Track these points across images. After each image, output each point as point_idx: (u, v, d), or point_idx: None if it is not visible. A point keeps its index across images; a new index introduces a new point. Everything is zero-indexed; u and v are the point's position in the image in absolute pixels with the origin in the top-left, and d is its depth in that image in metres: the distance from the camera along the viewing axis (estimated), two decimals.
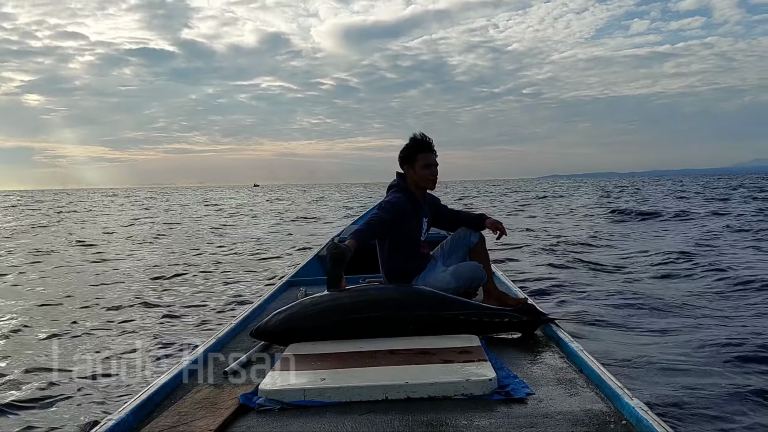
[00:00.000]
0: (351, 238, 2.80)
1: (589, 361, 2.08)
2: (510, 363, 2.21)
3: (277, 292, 4.01)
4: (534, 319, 2.68)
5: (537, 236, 12.97)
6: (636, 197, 30.12)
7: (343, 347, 2.35)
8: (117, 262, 10.22)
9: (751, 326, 5.22)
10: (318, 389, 1.87)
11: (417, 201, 3.23)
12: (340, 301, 2.61)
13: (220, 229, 17.22)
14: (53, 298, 6.73)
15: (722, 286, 7.01)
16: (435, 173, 3.21)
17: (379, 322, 2.54)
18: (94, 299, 6.61)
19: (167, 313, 5.89)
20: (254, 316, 3.19)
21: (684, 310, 6.01)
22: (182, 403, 1.86)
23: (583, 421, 1.64)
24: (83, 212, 30.40)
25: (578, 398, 1.83)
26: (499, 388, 1.89)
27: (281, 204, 36.67)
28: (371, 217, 3.05)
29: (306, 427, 1.66)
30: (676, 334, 4.99)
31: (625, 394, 1.72)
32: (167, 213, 28.70)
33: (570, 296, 6.97)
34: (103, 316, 5.79)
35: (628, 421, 1.61)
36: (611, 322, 5.46)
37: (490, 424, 1.63)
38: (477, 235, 3.36)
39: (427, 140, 3.21)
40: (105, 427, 1.62)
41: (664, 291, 7.08)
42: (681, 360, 4.10)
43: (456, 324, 2.56)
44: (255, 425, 1.71)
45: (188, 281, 8.02)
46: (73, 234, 16.44)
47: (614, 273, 8.50)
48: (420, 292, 2.82)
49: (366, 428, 1.63)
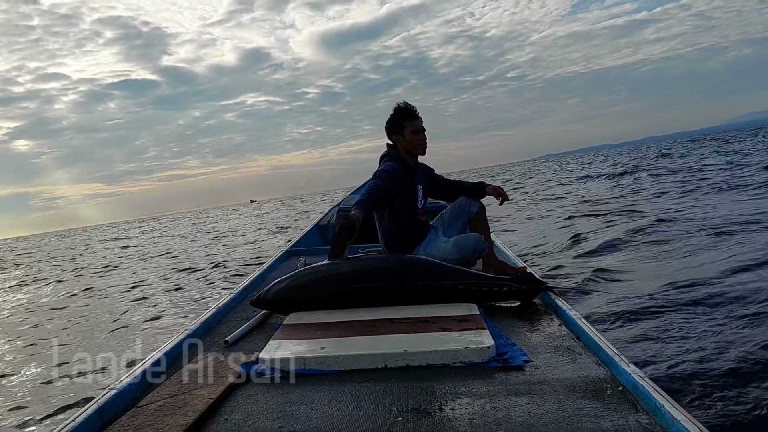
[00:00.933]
0: (355, 208, 2.79)
1: (586, 329, 2.09)
2: (508, 331, 2.23)
3: (277, 262, 4.03)
4: (532, 287, 2.69)
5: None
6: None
7: (343, 316, 2.36)
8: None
9: (749, 286, 5.25)
10: (318, 358, 1.89)
11: (410, 167, 3.23)
12: (340, 270, 2.61)
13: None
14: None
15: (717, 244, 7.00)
16: (424, 138, 3.22)
17: (379, 292, 2.55)
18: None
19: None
20: (254, 285, 3.21)
21: (682, 278, 6.04)
22: (183, 373, 1.88)
23: (580, 387, 1.66)
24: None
25: (575, 365, 1.85)
26: (497, 355, 1.91)
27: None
28: (369, 186, 3.04)
29: (306, 395, 1.68)
30: (674, 301, 5.03)
31: (621, 360, 1.73)
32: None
33: (569, 264, 7.00)
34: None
35: (625, 387, 1.63)
36: (609, 290, 5.49)
37: (488, 391, 1.65)
38: (477, 204, 3.35)
39: (412, 108, 3.21)
40: (107, 396, 1.64)
41: (663, 258, 7.11)
42: (679, 327, 4.13)
43: (455, 293, 2.57)
44: (255, 394, 1.73)
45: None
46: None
47: (612, 242, 8.52)
48: (419, 262, 2.82)
49: (365, 396, 1.65)
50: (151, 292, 7.15)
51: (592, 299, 5.07)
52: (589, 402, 1.56)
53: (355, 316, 2.35)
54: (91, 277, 11.09)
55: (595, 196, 14.75)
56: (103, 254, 18.62)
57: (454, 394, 1.64)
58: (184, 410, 1.58)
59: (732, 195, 10.93)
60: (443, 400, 1.60)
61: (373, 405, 1.59)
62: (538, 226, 9.78)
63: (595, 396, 1.60)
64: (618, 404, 1.54)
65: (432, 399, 1.61)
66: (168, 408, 1.60)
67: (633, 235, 8.70)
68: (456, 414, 1.51)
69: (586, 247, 8.15)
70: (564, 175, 27.20)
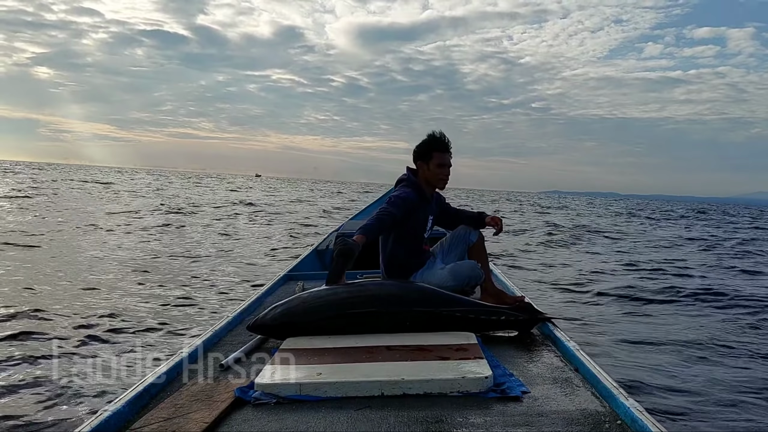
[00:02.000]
0: (360, 233, 2.78)
1: (585, 361, 2.08)
2: (506, 361, 2.22)
3: (275, 286, 4.01)
4: (531, 317, 2.68)
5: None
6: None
7: (340, 342, 2.35)
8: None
9: (750, 333, 5.24)
10: (314, 384, 1.87)
11: (426, 197, 3.23)
12: (338, 295, 2.60)
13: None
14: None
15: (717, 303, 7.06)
16: (447, 173, 3.22)
17: (377, 318, 2.53)
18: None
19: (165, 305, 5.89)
20: (251, 309, 3.19)
21: (680, 310, 6.03)
22: (178, 396, 1.86)
23: (578, 420, 1.64)
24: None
25: (574, 397, 1.84)
26: (495, 385, 1.89)
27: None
28: (380, 210, 3.01)
29: (301, 422, 1.66)
30: (673, 335, 5.01)
31: (620, 394, 1.72)
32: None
33: (567, 296, 6.98)
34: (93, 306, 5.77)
35: (623, 421, 1.62)
36: (608, 322, 5.47)
37: (485, 422, 1.63)
38: (476, 234, 3.37)
39: (446, 140, 3.22)
40: (101, 418, 1.62)
41: (663, 293, 7.10)
42: (677, 361, 4.11)
43: (453, 321, 2.56)
44: (250, 419, 1.71)
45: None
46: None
47: (612, 274, 8.52)
48: (418, 289, 2.82)
49: (361, 424, 1.64)
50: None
51: (591, 330, 5.04)
52: None
53: (353, 343, 2.34)
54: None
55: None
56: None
57: (452, 425, 1.62)
58: None
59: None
60: (440, 430, 1.58)
61: None
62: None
63: (593, 429, 1.58)
64: None
65: (428, 429, 1.59)
66: (162, 431, 1.58)
67: (631, 271, 8.70)
68: None
69: (585, 279, 8.14)
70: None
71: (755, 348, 4.58)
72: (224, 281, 7.43)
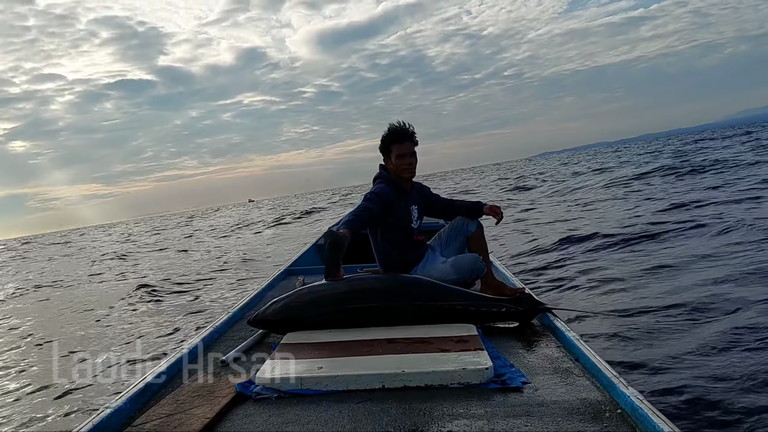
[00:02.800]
0: (343, 227, 2.79)
1: (585, 351, 2.08)
2: (506, 352, 2.22)
3: (275, 281, 4.02)
4: (531, 308, 2.69)
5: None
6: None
7: (341, 336, 2.35)
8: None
9: (754, 315, 5.23)
10: (315, 378, 1.88)
11: (402, 189, 3.21)
12: (338, 290, 2.61)
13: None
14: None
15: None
16: (409, 162, 3.14)
17: (377, 312, 2.54)
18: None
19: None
20: (252, 304, 3.20)
21: (684, 299, 6.03)
22: (180, 392, 1.87)
23: (578, 409, 1.65)
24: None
25: (574, 387, 1.84)
26: (496, 377, 1.90)
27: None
28: (359, 207, 3.03)
29: (303, 416, 1.67)
30: (675, 323, 5.01)
31: (620, 383, 1.72)
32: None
33: (568, 286, 6.99)
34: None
35: (624, 410, 1.62)
36: (608, 312, 5.47)
37: (486, 413, 1.64)
38: (475, 224, 3.35)
39: (401, 129, 3.14)
40: (102, 415, 1.62)
41: (664, 280, 7.10)
42: (679, 349, 4.11)
43: (453, 313, 2.56)
44: (252, 414, 1.71)
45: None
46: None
47: (613, 261, 8.51)
48: (417, 282, 2.82)
49: (362, 416, 1.64)
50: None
51: (590, 320, 5.05)
52: (588, 425, 1.55)
53: (353, 336, 2.34)
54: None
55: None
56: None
57: (452, 416, 1.63)
58: (180, 429, 1.56)
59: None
60: (441, 422, 1.59)
61: (370, 426, 1.58)
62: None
63: (593, 419, 1.59)
64: (617, 427, 1.53)
65: (430, 420, 1.60)
66: (164, 427, 1.59)
67: (635, 256, 8.68)
68: None
69: (584, 267, 8.14)
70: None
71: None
72: None
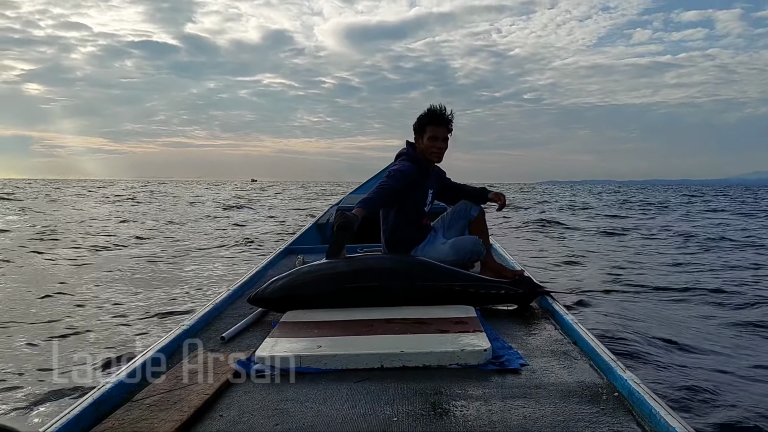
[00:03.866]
0: (359, 206, 2.77)
1: (583, 334, 2.09)
2: (505, 334, 2.23)
3: (275, 260, 4.02)
4: (530, 291, 2.70)
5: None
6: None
7: (340, 315, 2.36)
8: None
9: (750, 300, 5.25)
10: (314, 356, 1.89)
11: (425, 171, 3.21)
12: (338, 269, 2.61)
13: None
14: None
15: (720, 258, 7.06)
16: (440, 146, 3.16)
17: (376, 291, 2.55)
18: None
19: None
20: (252, 282, 3.21)
21: (681, 287, 6.05)
22: (179, 368, 1.88)
23: (575, 392, 1.66)
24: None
25: (572, 370, 1.85)
26: (494, 358, 1.91)
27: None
28: (381, 184, 3.00)
29: (301, 393, 1.68)
30: (673, 308, 5.03)
31: (618, 366, 1.73)
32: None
33: (567, 269, 7.01)
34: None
35: (621, 393, 1.63)
36: (607, 296, 5.50)
37: (484, 394, 1.65)
38: (477, 209, 3.37)
39: (441, 112, 3.13)
40: (102, 390, 1.63)
41: (663, 267, 7.12)
42: (677, 333, 4.14)
43: (453, 295, 2.57)
44: (251, 391, 1.72)
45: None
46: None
47: (613, 248, 8.53)
48: (418, 263, 2.82)
49: (361, 395, 1.65)
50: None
51: (589, 304, 5.07)
52: (585, 407, 1.55)
53: (352, 316, 2.35)
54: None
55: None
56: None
57: (450, 396, 1.64)
58: (180, 405, 1.57)
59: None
60: (439, 402, 1.60)
61: (369, 405, 1.59)
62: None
63: (590, 401, 1.59)
64: (614, 410, 1.54)
65: (427, 401, 1.61)
66: (163, 403, 1.60)
67: (631, 243, 8.70)
68: (451, 416, 1.51)
69: (583, 253, 8.16)
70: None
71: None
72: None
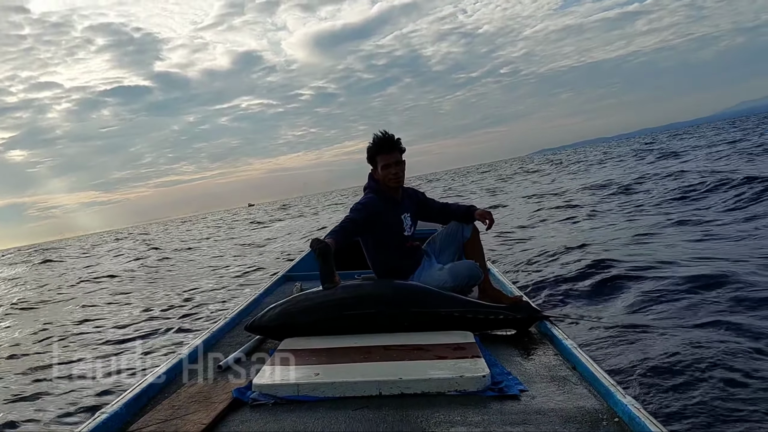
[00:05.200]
0: (329, 237, 2.78)
1: (582, 359, 2.08)
2: (504, 360, 2.22)
3: (273, 287, 4.01)
4: (528, 316, 2.69)
5: None
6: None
7: (338, 342, 2.35)
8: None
9: (750, 325, 5.22)
10: (312, 384, 1.87)
11: (392, 198, 3.19)
12: (335, 296, 2.60)
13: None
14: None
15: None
16: (394, 172, 3.11)
17: (374, 318, 2.54)
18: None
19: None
20: (249, 310, 3.19)
21: (681, 308, 6.02)
22: (176, 397, 1.86)
23: (575, 418, 1.65)
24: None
25: (571, 395, 1.84)
26: (493, 384, 1.90)
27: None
28: (344, 218, 3.01)
29: (299, 422, 1.66)
30: (673, 332, 5.00)
31: (618, 391, 1.72)
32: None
33: (565, 294, 6.98)
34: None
35: (621, 418, 1.62)
36: (606, 321, 5.47)
37: (483, 420, 1.64)
38: (470, 229, 3.32)
39: (385, 138, 3.11)
40: (98, 420, 1.62)
41: (663, 291, 7.09)
42: (676, 359, 4.11)
43: (451, 320, 2.56)
44: (248, 420, 1.71)
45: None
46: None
47: (610, 268, 8.49)
48: (415, 289, 2.81)
49: (359, 423, 1.64)
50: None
51: (588, 329, 5.04)
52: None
53: (350, 343, 2.34)
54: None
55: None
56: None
57: (449, 423, 1.62)
58: None
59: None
60: (438, 429, 1.58)
61: None
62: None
63: (591, 427, 1.58)
64: None
65: (426, 427, 1.59)
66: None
67: (631, 263, 8.66)
68: None
69: (583, 276, 8.14)
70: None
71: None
72: None
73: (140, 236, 41.21)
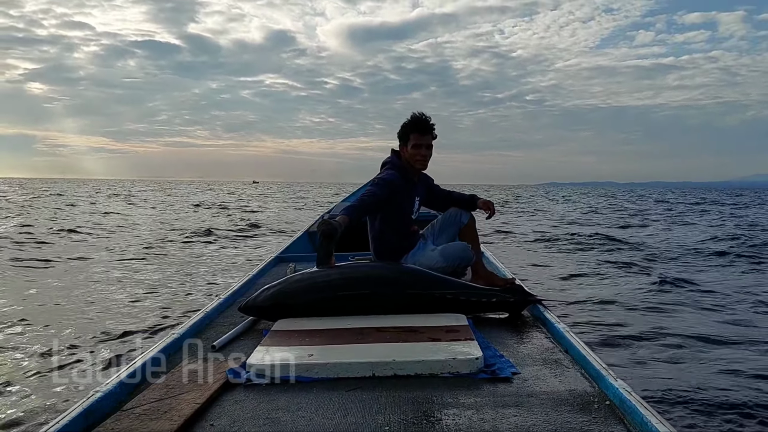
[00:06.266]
0: (343, 213, 2.78)
1: (574, 342, 2.10)
2: (497, 342, 2.23)
3: (266, 268, 4.01)
4: (521, 299, 2.70)
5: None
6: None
7: (332, 324, 2.35)
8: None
9: (739, 309, 5.29)
10: (305, 365, 1.88)
11: (410, 179, 3.22)
12: (329, 277, 2.60)
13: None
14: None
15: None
16: (423, 154, 3.17)
17: (368, 300, 2.54)
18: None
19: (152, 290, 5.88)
20: (243, 291, 3.19)
21: (672, 294, 6.09)
22: (170, 377, 1.87)
23: (567, 400, 1.66)
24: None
25: (563, 378, 1.86)
26: (485, 367, 1.91)
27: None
28: (364, 193, 3.02)
29: (293, 402, 1.67)
30: (664, 317, 5.06)
31: (609, 375, 1.74)
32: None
33: (558, 277, 7.03)
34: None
35: (612, 401, 1.64)
36: (598, 304, 5.52)
37: (475, 402, 1.65)
38: (467, 215, 3.38)
39: (424, 119, 3.15)
40: (92, 399, 1.62)
41: (655, 278, 7.16)
42: (669, 344, 4.16)
43: (444, 303, 2.57)
44: (242, 400, 1.71)
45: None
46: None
47: (603, 254, 8.57)
48: (409, 271, 2.82)
49: (353, 404, 1.65)
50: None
51: (581, 312, 5.09)
52: (576, 415, 1.56)
53: (344, 324, 2.34)
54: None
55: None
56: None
57: (442, 405, 1.63)
58: (170, 414, 1.56)
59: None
60: (430, 411, 1.59)
61: (360, 414, 1.58)
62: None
63: (582, 410, 1.60)
64: (605, 418, 1.54)
65: (419, 409, 1.61)
66: (153, 412, 1.58)
67: (623, 254, 8.76)
68: (443, 424, 1.51)
69: (577, 263, 8.20)
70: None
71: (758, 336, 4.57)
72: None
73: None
